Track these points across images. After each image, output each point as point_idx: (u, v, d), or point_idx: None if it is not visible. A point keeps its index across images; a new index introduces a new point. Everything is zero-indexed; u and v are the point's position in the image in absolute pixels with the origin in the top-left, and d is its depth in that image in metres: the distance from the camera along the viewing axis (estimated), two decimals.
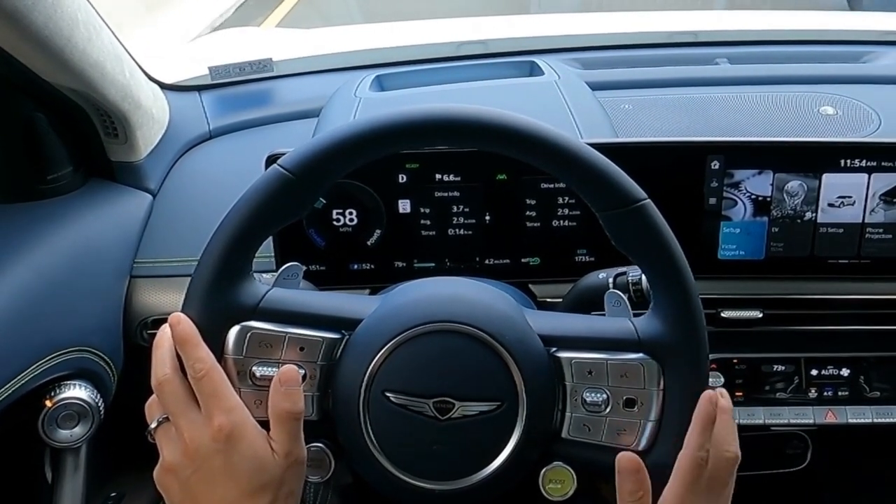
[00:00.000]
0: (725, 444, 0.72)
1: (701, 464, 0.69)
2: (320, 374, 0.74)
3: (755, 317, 1.07)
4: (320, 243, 1.06)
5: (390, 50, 1.62)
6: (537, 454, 0.74)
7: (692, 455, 0.70)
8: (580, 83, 1.32)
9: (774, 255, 1.07)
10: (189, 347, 0.70)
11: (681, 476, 0.70)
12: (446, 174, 1.05)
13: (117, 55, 1.04)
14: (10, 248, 0.94)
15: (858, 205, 1.05)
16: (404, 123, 0.71)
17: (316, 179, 0.72)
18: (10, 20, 0.82)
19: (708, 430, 0.70)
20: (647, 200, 0.71)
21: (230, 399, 0.69)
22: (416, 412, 0.72)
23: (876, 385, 1.10)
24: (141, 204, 1.14)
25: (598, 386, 0.73)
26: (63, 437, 0.95)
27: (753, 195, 1.05)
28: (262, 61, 1.40)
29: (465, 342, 0.73)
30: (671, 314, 0.72)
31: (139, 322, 1.07)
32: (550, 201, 1.06)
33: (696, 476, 0.69)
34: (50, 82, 0.96)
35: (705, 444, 0.70)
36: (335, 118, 1.25)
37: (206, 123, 1.32)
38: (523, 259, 1.08)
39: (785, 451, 1.19)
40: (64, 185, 1.06)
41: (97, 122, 1.07)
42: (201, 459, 0.68)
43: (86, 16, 0.95)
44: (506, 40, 1.69)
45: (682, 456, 0.70)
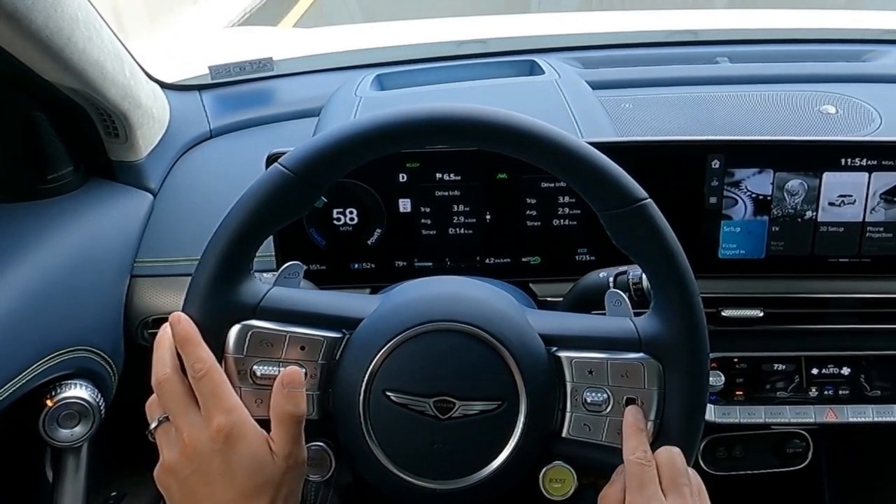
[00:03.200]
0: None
1: (642, 462, 0.70)
2: (321, 374, 0.74)
3: (756, 316, 1.07)
4: (321, 242, 1.07)
5: (391, 49, 1.62)
6: (538, 453, 0.74)
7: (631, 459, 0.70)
8: (580, 82, 1.32)
9: (775, 254, 1.07)
10: (189, 347, 0.70)
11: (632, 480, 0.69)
12: (447, 173, 1.05)
13: (117, 54, 1.04)
14: (10, 247, 0.95)
15: (859, 204, 1.05)
16: (404, 123, 0.71)
17: (316, 179, 0.72)
18: (11, 19, 0.82)
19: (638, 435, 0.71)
20: (647, 200, 0.71)
21: (230, 399, 0.69)
22: (417, 411, 0.72)
23: (876, 384, 1.10)
24: (141, 203, 1.14)
25: (599, 385, 0.73)
26: (64, 437, 0.95)
27: (754, 194, 1.05)
28: (263, 60, 1.40)
29: (466, 341, 0.73)
30: (672, 314, 0.72)
31: (140, 321, 1.07)
32: (551, 200, 1.06)
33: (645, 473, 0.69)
34: (50, 82, 0.96)
35: (640, 445, 0.71)
36: (336, 117, 1.25)
37: (206, 123, 1.32)
38: (524, 258, 1.08)
39: (786, 450, 1.19)
40: (64, 185, 1.06)
41: (97, 121, 1.07)
42: (200, 459, 0.68)
43: (86, 15, 0.95)
44: (506, 39, 1.69)
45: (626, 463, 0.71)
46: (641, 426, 0.71)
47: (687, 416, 0.72)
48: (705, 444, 1.18)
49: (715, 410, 1.09)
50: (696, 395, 0.72)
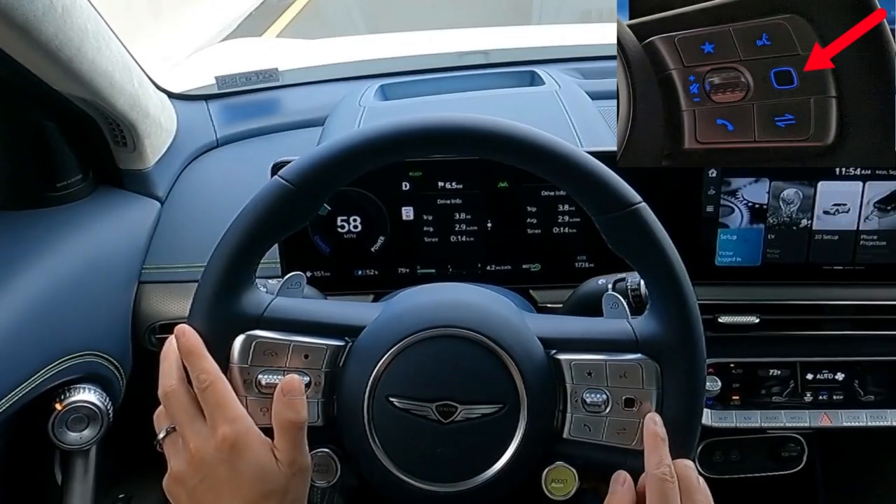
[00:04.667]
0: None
1: (667, 478, 0.70)
2: (325, 381, 0.75)
3: (752, 322, 1.08)
4: (325, 250, 1.08)
5: (394, 60, 1.64)
6: (539, 454, 0.75)
7: (655, 474, 0.70)
8: (580, 93, 1.34)
9: (771, 262, 1.09)
10: (194, 358, 0.71)
11: (655, 495, 0.70)
12: (449, 182, 1.06)
13: (126, 65, 1.06)
14: (20, 254, 0.96)
15: (853, 212, 1.06)
16: (402, 133, 0.72)
17: (316, 190, 0.73)
18: (21, 31, 0.83)
19: (661, 447, 0.71)
20: (641, 203, 0.72)
21: (234, 409, 0.70)
22: (420, 416, 0.73)
23: (870, 389, 1.11)
24: (149, 211, 1.15)
25: (598, 386, 0.74)
26: (72, 440, 0.96)
27: (750, 203, 1.06)
28: (269, 71, 1.42)
29: (466, 346, 0.74)
30: (667, 314, 0.73)
31: (147, 327, 1.08)
32: (551, 208, 1.07)
33: (669, 489, 0.70)
34: (60, 91, 0.98)
35: (664, 459, 0.71)
36: (340, 127, 1.26)
37: (213, 132, 1.33)
38: (524, 265, 1.09)
39: (781, 454, 1.20)
40: (74, 193, 1.08)
41: (106, 130, 1.08)
42: (206, 469, 0.69)
43: (95, 26, 0.96)
44: (507, 50, 1.71)
45: (649, 477, 0.71)
46: (663, 436, 0.72)
47: (685, 413, 0.73)
48: (702, 447, 1.18)
49: (712, 415, 1.09)
50: (693, 393, 0.73)
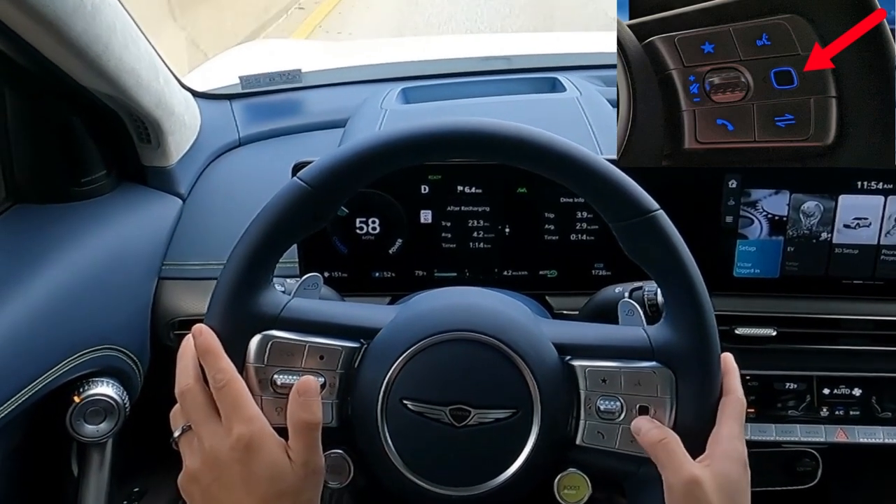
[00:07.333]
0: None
1: (743, 406, 0.73)
2: (340, 382, 0.75)
3: (769, 334, 1.07)
4: (343, 250, 1.08)
5: (416, 63, 1.64)
6: (552, 461, 0.75)
7: (738, 398, 0.73)
8: (601, 100, 1.33)
9: (789, 274, 1.08)
10: (210, 358, 0.71)
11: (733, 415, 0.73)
12: (468, 186, 1.06)
13: (152, 63, 1.07)
14: (44, 247, 0.97)
15: (874, 226, 1.06)
16: (421, 137, 0.72)
17: (334, 192, 0.73)
18: (51, 27, 0.84)
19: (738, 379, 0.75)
20: (658, 211, 0.72)
21: (250, 409, 0.70)
22: (433, 419, 0.73)
23: (887, 405, 1.10)
24: (171, 208, 1.16)
25: (613, 394, 0.74)
26: (89, 433, 0.97)
27: (770, 214, 1.06)
28: (292, 72, 1.42)
29: (481, 350, 0.74)
30: (683, 322, 0.73)
31: (166, 322, 1.09)
32: (569, 215, 1.07)
33: (741, 415, 0.73)
34: (87, 88, 0.99)
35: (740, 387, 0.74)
36: (361, 129, 1.27)
37: (235, 131, 1.34)
38: (541, 271, 1.09)
39: (796, 469, 1.19)
40: (97, 188, 1.09)
41: (131, 127, 1.09)
42: (221, 468, 0.69)
43: (123, 24, 0.98)
44: (529, 56, 1.71)
45: (730, 400, 0.73)
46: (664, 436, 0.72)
47: (699, 423, 0.72)
48: None
49: None
50: (707, 403, 0.73)
